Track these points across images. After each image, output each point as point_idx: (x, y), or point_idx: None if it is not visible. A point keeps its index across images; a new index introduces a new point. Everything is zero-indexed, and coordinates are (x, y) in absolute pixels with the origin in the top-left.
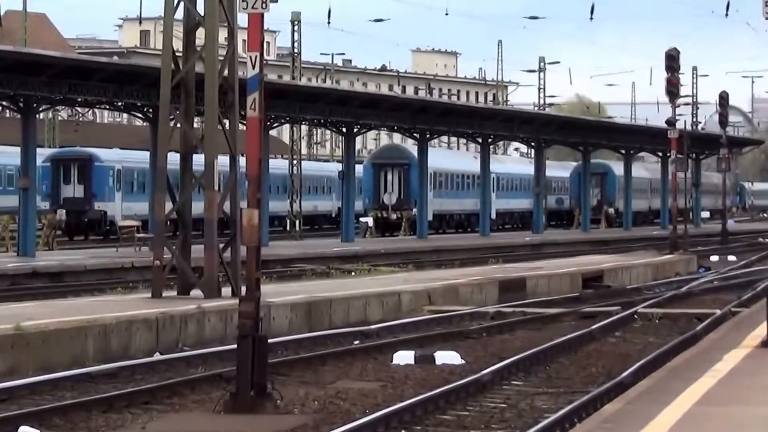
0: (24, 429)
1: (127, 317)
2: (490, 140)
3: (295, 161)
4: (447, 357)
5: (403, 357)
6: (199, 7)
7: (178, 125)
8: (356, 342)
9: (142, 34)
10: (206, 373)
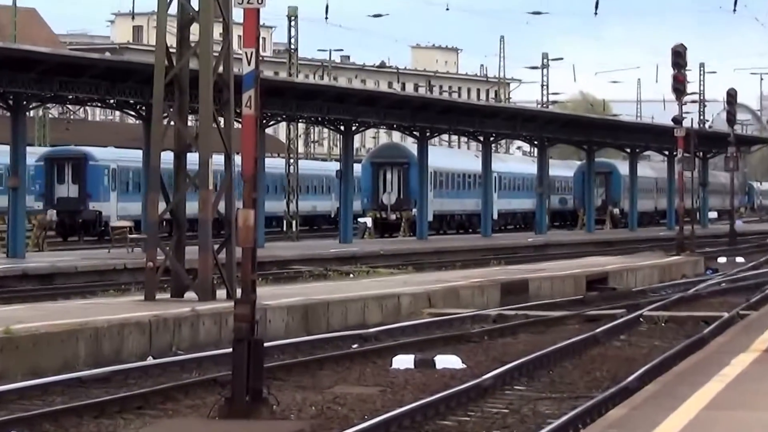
0: None
1: (120, 320)
2: (491, 139)
3: (291, 160)
4: (448, 361)
5: (403, 361)
6: (194, 2)
7: (172, 123)
8: (354, 346)
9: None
10: (200, 377)
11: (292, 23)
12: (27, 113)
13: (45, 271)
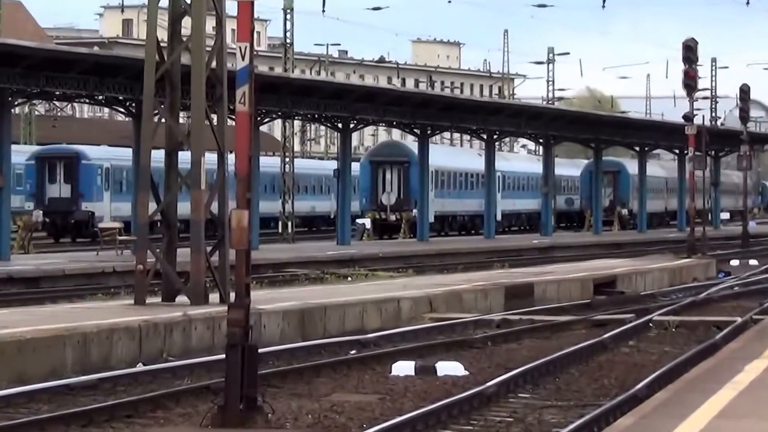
0: None
1: (108, 325)
2: (495, 136)
3: (287, 159)
4: (449, 368)
5: (403, 368)
6: None
7: (163, 120)
8: (352, 352)
9: (124, 23)
10: (192, 384)
11: (288, 16)
12: (12, 110)
13: (31, 274)
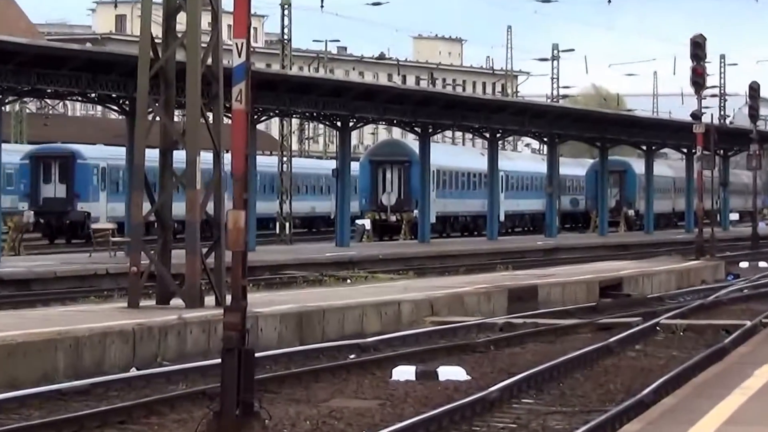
0: None
1: (101, 329)
2: (498, 135)
3: (285, 158)
4: (451, 372)
5: (403, 372)
6: None
7: (157, 118)
8: (352, 356)
9: (117, 19)
10: (187, 390)
11: (286, 12)
12: (2, 108)
13: (22, 277)
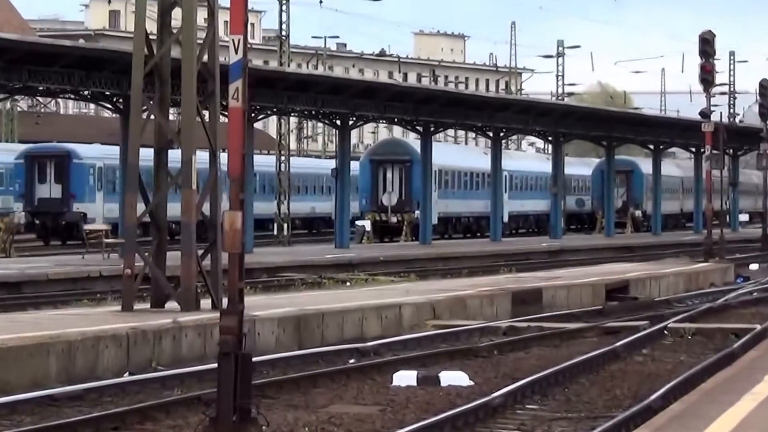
0: None
1: (94, 333)
2: (502, 134)
3: (283, 157)
4: (453, 377)
5: (404, 378)
6: None
7: (152, 117)
8: (351, 361)
9: (111, 14)
10: (183, 395)
11: (284, 7)
12: None
13: (13, 279)
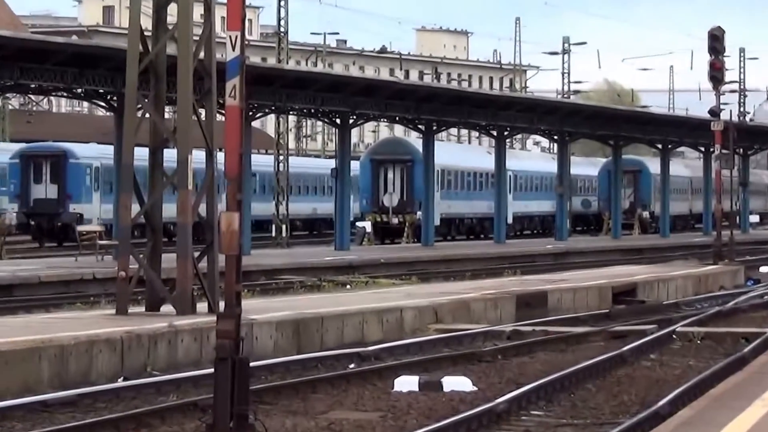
0: None
1: (88, 337)
2: (506, 133)
3: (281, 157)
4: (456, 383)
5: (406, 383)
6: None
7: (147, 115)
8: (352, 366)
9: (104, 10)
10: (179, 401)
11: (282, 3)
12: None
13: (4, 282)
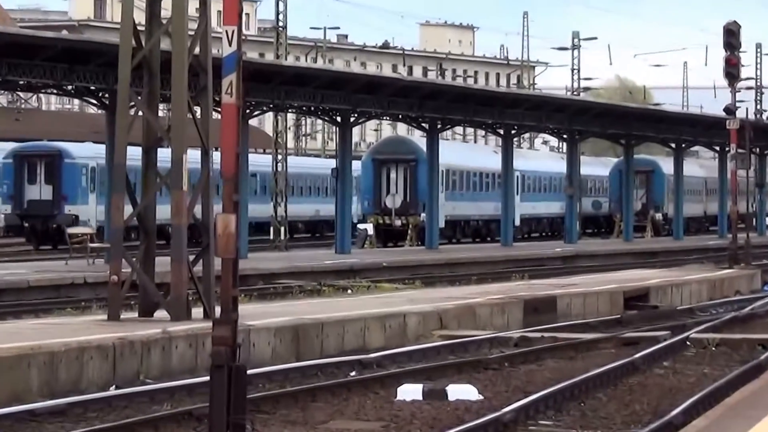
0: None
1: (78, 344)
2: (513, 131)
3: (279, 156)
4: (461, 391)
5: (409, 391)
6: None
7: (140, 113)
8: (353, 373)
9: (96, 4)
10: (173, 410)
11: None
12: None
13: None
